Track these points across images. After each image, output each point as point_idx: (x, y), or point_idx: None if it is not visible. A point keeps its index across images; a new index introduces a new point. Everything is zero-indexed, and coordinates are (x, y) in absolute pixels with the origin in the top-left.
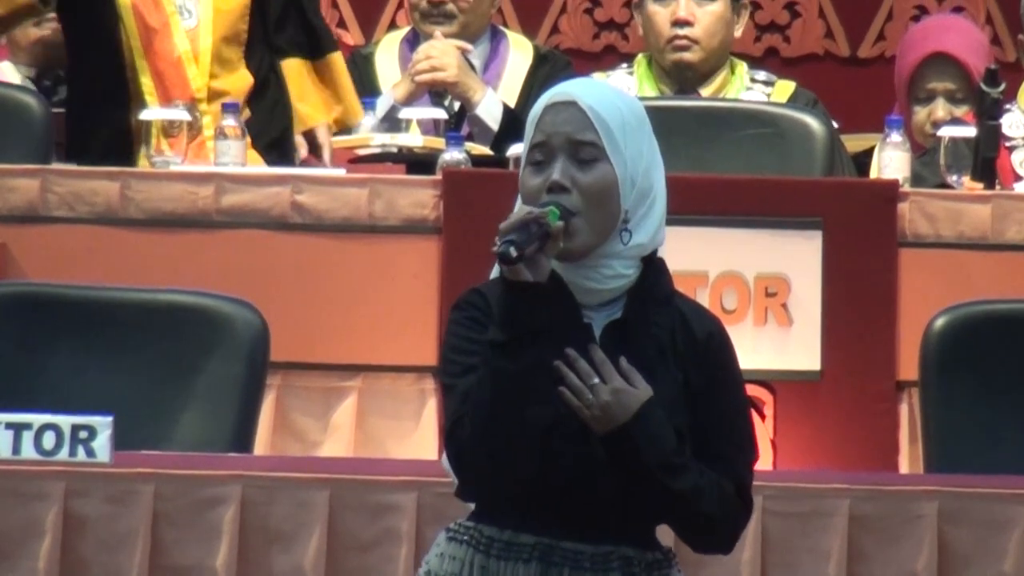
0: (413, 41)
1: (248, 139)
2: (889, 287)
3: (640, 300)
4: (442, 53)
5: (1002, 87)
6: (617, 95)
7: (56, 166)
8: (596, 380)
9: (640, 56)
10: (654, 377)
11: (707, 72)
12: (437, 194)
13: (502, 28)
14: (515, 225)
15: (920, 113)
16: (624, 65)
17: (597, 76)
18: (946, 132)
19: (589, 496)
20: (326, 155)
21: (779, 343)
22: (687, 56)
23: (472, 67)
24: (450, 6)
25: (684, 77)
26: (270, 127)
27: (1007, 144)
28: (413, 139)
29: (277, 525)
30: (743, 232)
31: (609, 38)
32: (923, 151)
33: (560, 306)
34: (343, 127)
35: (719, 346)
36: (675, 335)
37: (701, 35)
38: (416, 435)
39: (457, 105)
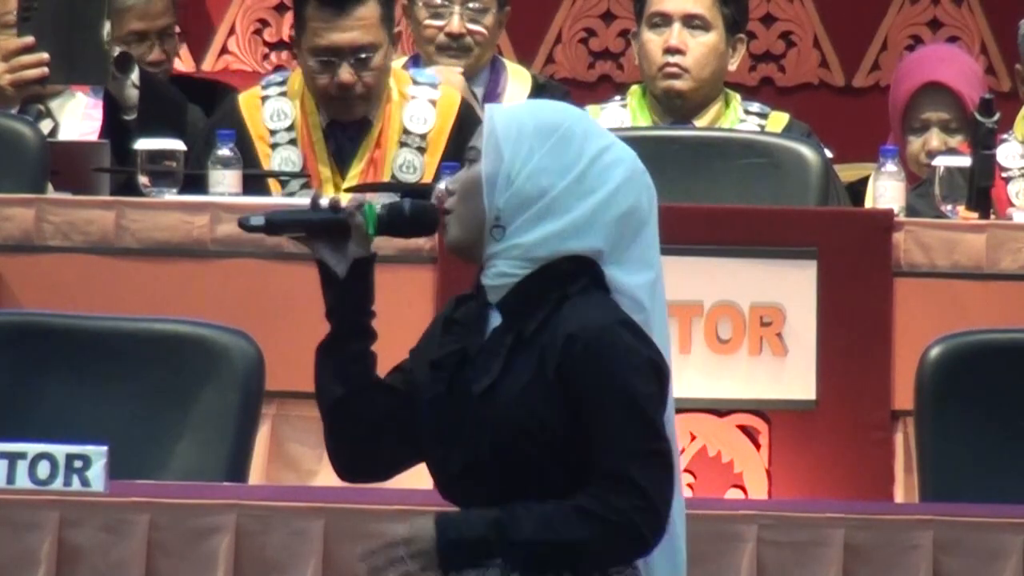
0: (412, 68)
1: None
2: (884, 316)
3: (516, 294)
4: (446, 80)
5: (996, 117)
6: (538, 107)
7: (51, 195)
8: (399, 551)
9: (634, 87)
10: (508, 369)
11: (698, 102)
12: None
13: (501, 58)
14: (308, 206)
15: (914, 143)
16: (617, 98)
17: (591, 108)
18: (941, 162)
19: (480, 501)
20: None
21: (774, 373)
22: (677, 84)
23: (474, 95)
24: (468, 39)
25: (674, 106)
26: None
27: (1003, 175)
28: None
29: (272, 554)
30: (738, 262)
31: (604, 67)
32: (918, 182)
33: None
34: None
35: (581, 348)
36: (540, 332)
37: (692, 64)
38: None
39: None
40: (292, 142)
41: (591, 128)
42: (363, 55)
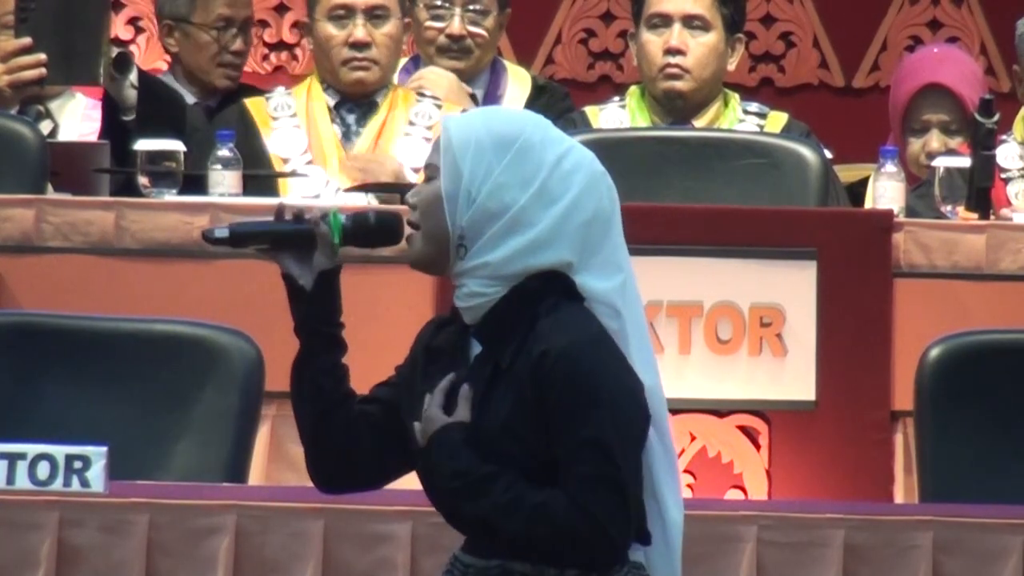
0: (412, 69)
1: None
2: (884, 317)
3: (490, 321)
4: (437, 78)
5: (996, 117)
6: (493, 118)
7: (51, 196)
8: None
9: (633, 88)
10: (489, 399)
11: (698, 102)
12: None
13: (502, 60)
14: (277, 216)
15: (914, 144)
16: (616, 98)
17: (590, 109)
18: (941, 162)
19: (456, 513)
20: None
21: (774, 373)
22: (678, 85)
23: (474, 98)
24: (468, 41)
25: (674, 106)
26: None
27: (1003, 175)
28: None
29: (272, 555)
30: (738, 263)
31: (604, 68)
32: (918, 184)
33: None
34: None
35: (552, 365)
36: (516, 357)
37: (693, 65)
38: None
39: None
40: (296, 127)
41: (548, 135)
42: (376, 13)
